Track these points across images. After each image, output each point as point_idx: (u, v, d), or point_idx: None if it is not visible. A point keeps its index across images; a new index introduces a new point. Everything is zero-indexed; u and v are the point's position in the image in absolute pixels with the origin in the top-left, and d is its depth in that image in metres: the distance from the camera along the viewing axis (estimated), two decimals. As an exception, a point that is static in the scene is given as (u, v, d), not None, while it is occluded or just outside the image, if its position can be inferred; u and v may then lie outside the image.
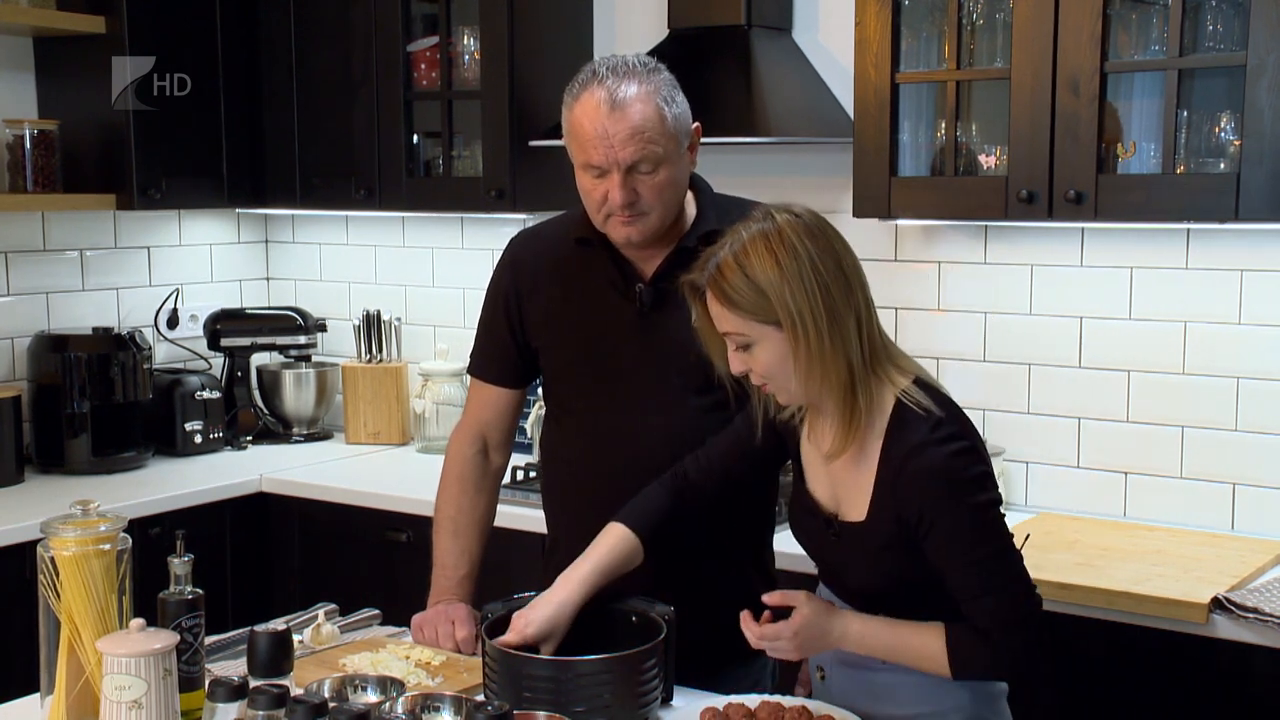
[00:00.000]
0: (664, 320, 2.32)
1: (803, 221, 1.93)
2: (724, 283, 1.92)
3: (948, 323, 3.39)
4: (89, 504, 1.96)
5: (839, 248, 1.94)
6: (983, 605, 1.91)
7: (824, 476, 2.06)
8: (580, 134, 2.22)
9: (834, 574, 2.12)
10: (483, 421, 2.52)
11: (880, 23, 3.07)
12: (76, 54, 3.80)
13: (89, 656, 1.89)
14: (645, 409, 2.33)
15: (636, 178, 2.21)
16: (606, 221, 2.27)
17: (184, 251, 4.32)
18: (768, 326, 1.91)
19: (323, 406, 4.28)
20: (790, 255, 1.89)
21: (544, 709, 1.87)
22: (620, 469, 2.33)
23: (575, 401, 2.42)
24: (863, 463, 1.98)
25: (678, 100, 2.26)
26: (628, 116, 2.18)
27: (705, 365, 2.28)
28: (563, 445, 2.45)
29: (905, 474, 1.92)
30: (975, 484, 1.93)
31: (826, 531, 2.05)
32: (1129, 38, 2.88)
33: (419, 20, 3.85)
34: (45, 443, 3.79)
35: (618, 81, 2.20)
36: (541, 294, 2.41)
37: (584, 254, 2.37)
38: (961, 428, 1.97)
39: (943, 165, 3.10)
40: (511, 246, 2.50)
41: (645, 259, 2.34)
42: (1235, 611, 2.52)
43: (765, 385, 1.99)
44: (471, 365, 2.54)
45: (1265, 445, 3.04)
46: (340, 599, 2.59)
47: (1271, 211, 2.69)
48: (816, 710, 1.97)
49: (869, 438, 1.96)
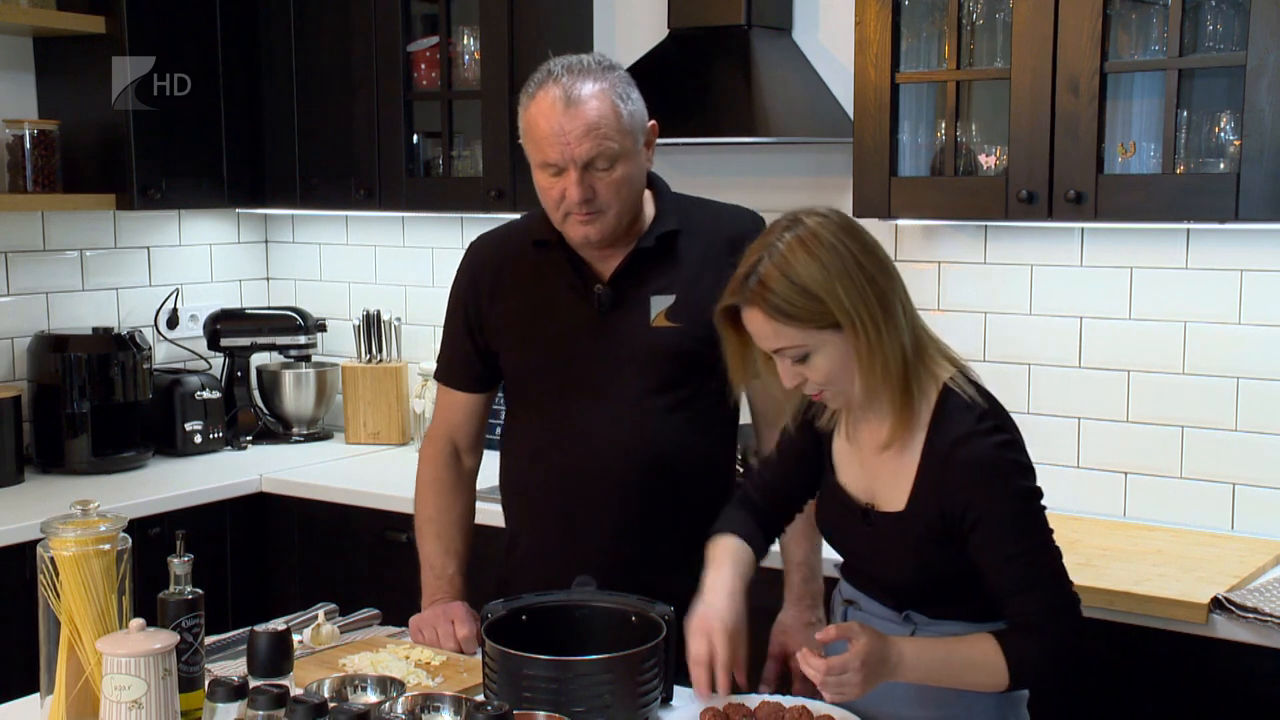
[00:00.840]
0: (622, 320, 2.33)
1: (832, 220, 1.92)
2: (771, 295, 1.87)
3: (948, 323, 3.38)
4: (89, 504, 1.96)
5: (870, 240, 1.94)
6: (1031, 598, 1.90)
7: (858, 468, 2.05)
8: (536, 132, 2.22)
9: (864, 568, 2.09)
10: (452, 426, 2.53)
11: (880, 22, 3.07)
12: (76, 54, 3.80)
13: (89, 656, 1.89)
14: (605, 409, 2.33)
15: (593, 175, 2.22)
16: (565, 221, 2.27)
17: (184, 251, 4.32)
18: (825, 331, 1.88)
19: (322, 406, 4.28)
20: (832, 254, 1.87)
21: (544, 709, 1.87)
22: (580, 469, 2.35)
23: (535, 403, 2.42)
24: (905, 452, 1.97)
25: (633, 97, 2.27)
26: (583, 113, 2.19)
27: (664, 364, 2.29)
28: (523, 444, 2.44)
29: (952, 464, 1.90)
30: (1021, 476, 1.93)
31: (861, 523, 2.03)
32: (1129, 37, 2.88)
33: (419, 20, 3.85)
34: (45, 443, 3.79)
35: (573, 79, 2.21)
36: (501, 297, 2.41)
37: (542, 256, 2.37)
38: (1004, 419, 1.96)
39: (943, 165, 3.10)
40: (470, 251, 2.50)
41: (603, 260, 2.34)
42: (1235, 611, 2.52)
43: (821, 393, 1.96)
44: (438, 372, 2.55)
45: (1265, 445, 3.04)
46: (340, 599, 2.59)
47: (1271, 211, 2.69)
48: (816, 710, 1.97)
49: (914, 427, 1.96)
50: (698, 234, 2.36)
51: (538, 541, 2.43)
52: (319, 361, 4.33)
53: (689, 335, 2.29)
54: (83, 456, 3.76)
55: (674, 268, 2.34)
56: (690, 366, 2.32)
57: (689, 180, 3.64)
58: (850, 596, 2.11)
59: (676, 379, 2.33)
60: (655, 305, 2.32)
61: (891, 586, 2.03)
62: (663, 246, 2.34)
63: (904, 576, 2.01)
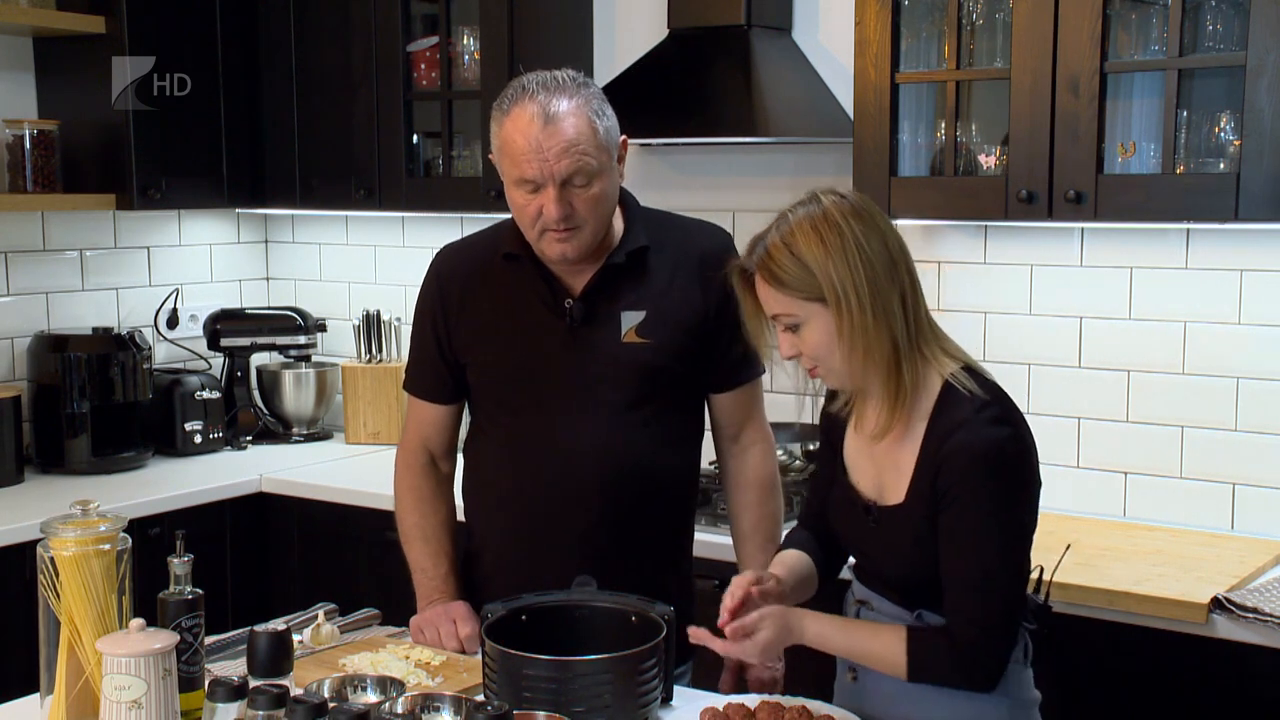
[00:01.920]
0: (593, 336, 2.32)
1: (848, 202, 1.97)
2: (772, 264, 1.95)
3: (947, 323, 3.34)
4: (89, 504, 1.96)
5: (884, 227, 1.98)
6: (965, 601, 1.91)
7: (868, 464, 2.06)
8: (513, 149, 2.21)
9: (872, 566, 2.10)
10: (424, 436, 2.52)
11: (880, 23, 3.07)
12: (76, 54, 3.80)
13: (89, 656, 1.89)
14: (575, 424, 2.33)
15: (571, 191, 2.21)
16: (541, 238, 2.26)
17: (184, 251, 4.32)
18: (814, 304, 1.93)
19: (322, 406, 4.28)
20: (835, 233, 1.92)
21: (544, 709, 1.87)
22: (549, 484, 2.34)
23: (503, 416, 2.41)
24: (906, 444, 1.98)
25: (607, 113, 2.26)
26: (561, 130, 2.18)
27: (634, 380, 2.29)
28: (490, 460, 2.42)
29: (946, 450, 1.92)
30: (1009, 470, 1.93)
31: (865, 519, 2.05)
32: (1129, 37, 2.88)
33: (419, 20, 3.86)
34: (45, 443, 3.79)
35: (549, 96, 2.20)
36: (469, 310, 2.40)
37: (512, 269, 2.36)
38: (1009, 412, 1.97)
39: (942, 165, 3.10)
40: (437, 262, 2.48)
41: (573, 274, 2.34)
42: (1235, 611, 2.52)
43: (815, 369, 2.00)
44: (406, 382, 2.53)
45: (1265, 445, 3.04)
46: (340, 599, 2.59)
47: (1271, 211, 2.69)
48: (816, 710, 1.97)
49: (914, 419, 1.97)
50: (667, 250, 2.37)
51: (502, 556, 2.41)
52: (319, 361, 4.33)
53: (659, 351, 2.31)
54: (82, 456, 3.76)
55: (644, 284, 2.34)
56: (660, 382, 2.32)
57: (688, 180, 3.66)
58: (863, 597, 2.11)
59: (646, 394, 2.33)
60: (626, 321, 2.32)
61: (899, 583, 2.03)
62: (633, 262, 2.33)
63: (908, 571, 2.01)
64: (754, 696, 2.03)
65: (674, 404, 2.35)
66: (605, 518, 2.32)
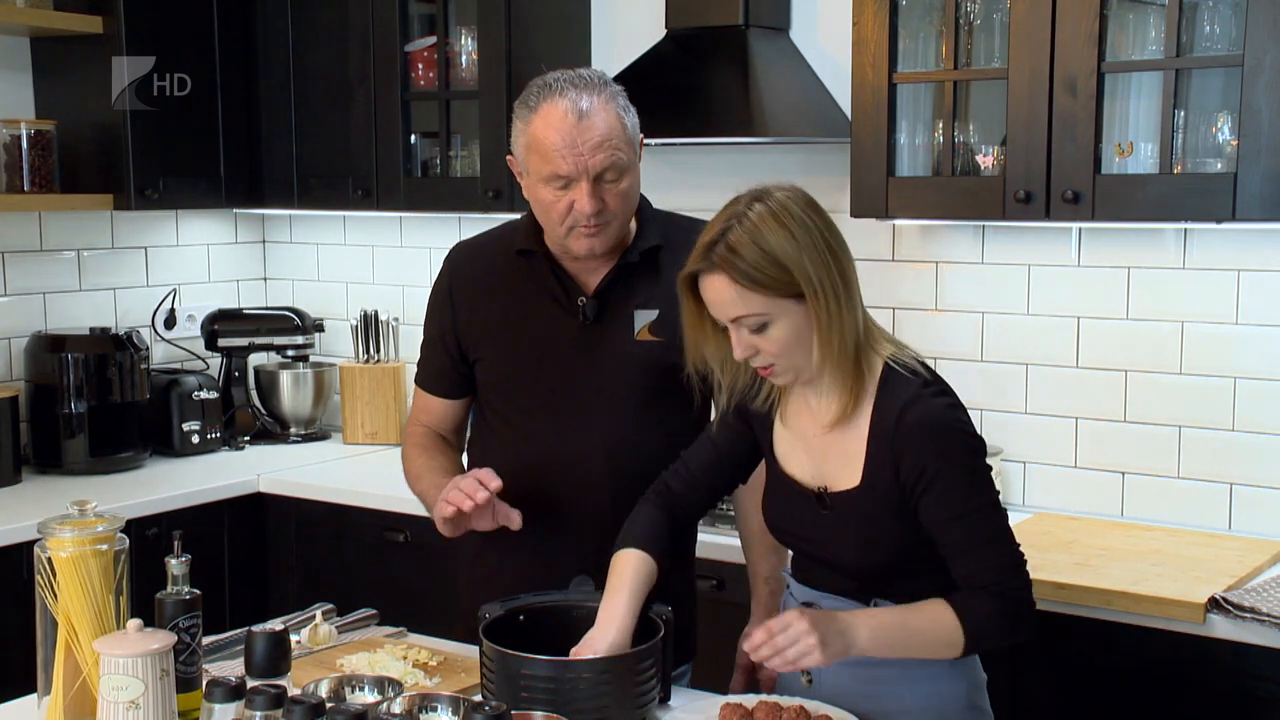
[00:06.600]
0: (606, 334, 2.33)
1: (800, 195, 1.97)
2: (739, 261, 1.90)
3: (945, 323, 3.39)
4: (86, 504, 1.96)
5: (830, 219, 1.99)
6: (982, 556, 1.94)
7: (804, 456, 2.06)
8: (544, 145, 2.21)
9: (823, 555, 2.07)
10: (431, 425, 2.52)
11: (878, 23, 3.07)
12: (74, 54, 3.80)
13: (86, 657, 1.89)
14: (586, 423, 2.33)
15: (603, 186, 2.22)
16: (569, 234, 2.26)
17: (181, 252, 4.32)
18: (788, 300, 1.92)
19: (320, 407, 4.28)
20: (801, 227, 1.91)
21: (541, 709, 1.87)
22: (559, 483, 2.34)
23: (513, 414, 2.40)
24: (851, 429, 1.99)
25: (631, 110, 2.29)
26: (594, 125, 2.19)
27: (646, 378, 2.29)
28: (498, 458, 2.38)
29: (903, 426, 1.94)
30: (970, 436, 1.98)
31: (817, 507, 2.04)
32: (1126, 37, 2.88)
33: (417, 20, 3.85)
34: (42, 443, 3.79)
35: (578, 93, 2.21)
36: (481, 307, 2.40)
37: (525, 266, 2.37)
38: (947, 387, 2.02)
39: (940, 165, 3.10)
40: (450, 258, 2.49)
41: (588, 272, 2.34)
42: (1232, 611, 2.52)
43: (770, 367, 1.98)
44: (418, 376, 2.53)
45: (1262, 445, 3.04)
46: (337, 599, 2.59)
47: (1268, 211, 2.69)
48: (814, 710, 1.97)
49: (859, 403, 1.99)
50: (679, 249, 2.35)
51: (508, 553, 2.39)
52: (316, 361, 4.33)
53: (672, 349, 2.30)
54: (80, 457, 3.76)
55: (657, 283, 2.34)
56: (671, 381, 2.32)
57: (687, 180, 3.66)
58: (806, 599, 2.09)
59: (658, 393, 2.33)
60: (639, 319, 2.33)
61: (854, 570, 2.03)
62: (646, 261, 2.34)
63: (866, 556, 2.01)
64: (752, 696, 2.03)
65: (684, 403, 2.35)
66: (613, 515, 2.31)
